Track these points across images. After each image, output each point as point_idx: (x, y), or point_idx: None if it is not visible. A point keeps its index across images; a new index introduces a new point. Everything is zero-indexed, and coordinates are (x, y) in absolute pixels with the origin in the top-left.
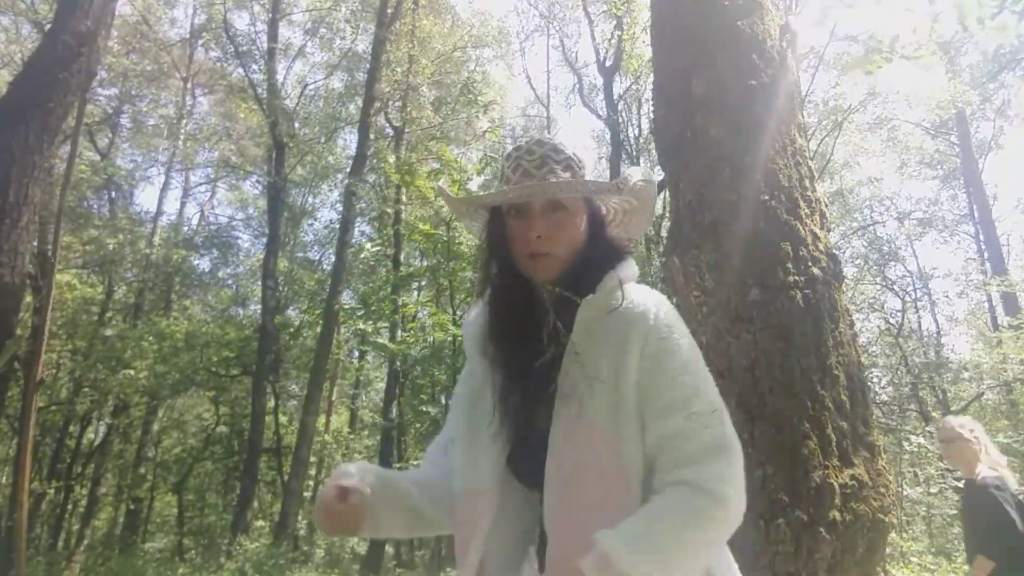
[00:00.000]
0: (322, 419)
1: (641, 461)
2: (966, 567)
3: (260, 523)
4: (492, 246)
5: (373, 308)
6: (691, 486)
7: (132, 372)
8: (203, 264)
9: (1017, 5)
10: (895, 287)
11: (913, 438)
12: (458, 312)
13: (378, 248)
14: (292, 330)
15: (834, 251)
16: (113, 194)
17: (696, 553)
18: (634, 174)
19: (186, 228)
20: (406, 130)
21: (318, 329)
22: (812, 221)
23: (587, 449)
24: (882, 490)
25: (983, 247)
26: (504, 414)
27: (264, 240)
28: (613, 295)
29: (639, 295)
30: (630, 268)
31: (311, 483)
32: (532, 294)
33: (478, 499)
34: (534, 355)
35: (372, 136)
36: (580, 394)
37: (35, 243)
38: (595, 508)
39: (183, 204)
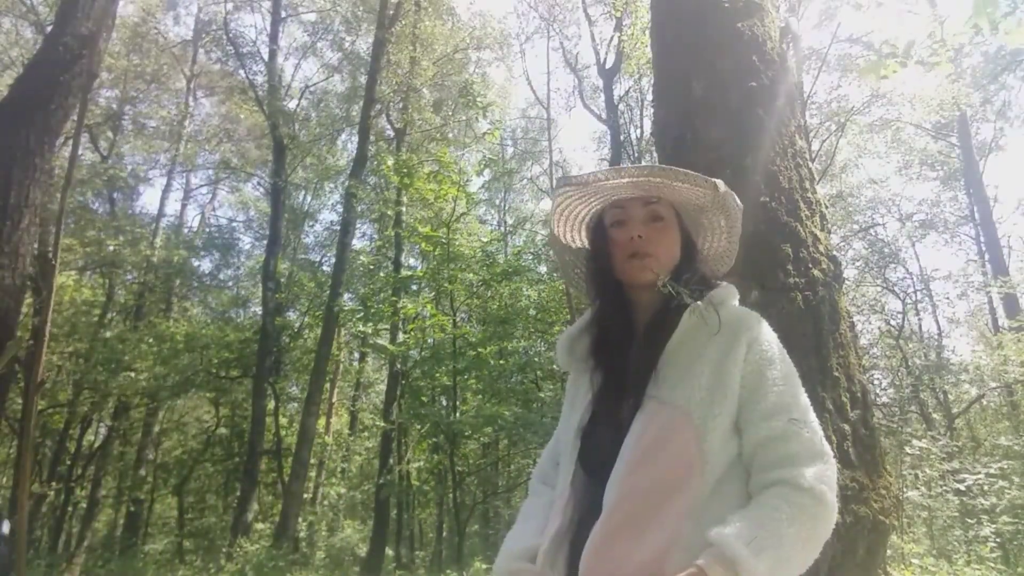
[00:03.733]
0: (322, 421)
1: (724, 457)
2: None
3: (260, 525)
4: (596, 256)
5: (373, 310)
6: (792, 485)
7: (132, 374)
8: (204, 266)
9: None
10: (896, 289)
11: (915, 441)
12: (459, 314)
13: (377, 254)
14: (292, 332)
15: (835, 253)
16: (114, 196)
17: (804, 550)
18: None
19: (187, 230)
20: (407, 132)
21: (318, 331)
22: (813, 223)
23: (667, 431)
24: (883, 492)
25: (984, 248)
26: (594, 411)
27: (265, 242)
28: (719, 305)
29: (743, 310)
30: (730, 289)
31: (311, 485)
32: (630, 302)
33: (564, 493)
34: (629, 359)
35: (373, 138)
36: (672, 384)
37: (36, 245)
38: (661, 487)
39: (184, 206)
